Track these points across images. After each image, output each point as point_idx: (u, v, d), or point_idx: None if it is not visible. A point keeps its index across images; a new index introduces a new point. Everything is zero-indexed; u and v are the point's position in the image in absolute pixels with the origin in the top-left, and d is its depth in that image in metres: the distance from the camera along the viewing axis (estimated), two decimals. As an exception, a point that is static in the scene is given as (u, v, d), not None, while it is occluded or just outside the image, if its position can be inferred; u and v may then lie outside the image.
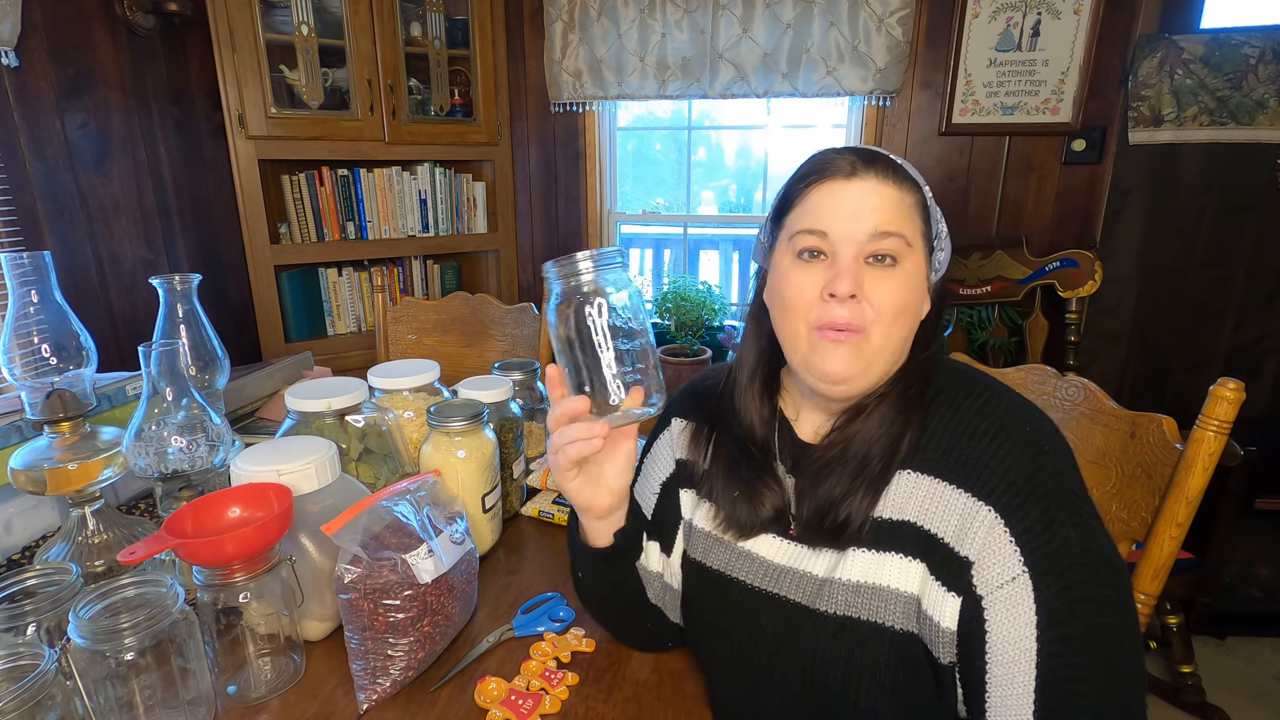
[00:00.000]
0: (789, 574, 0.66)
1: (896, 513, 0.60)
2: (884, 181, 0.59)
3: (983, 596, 0.55)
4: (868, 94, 2.28)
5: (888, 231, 0.58)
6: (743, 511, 0.67)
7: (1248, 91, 2.00)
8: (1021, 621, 0.54)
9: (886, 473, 0.61)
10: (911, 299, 0.60)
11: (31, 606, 0.65)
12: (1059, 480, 0.56)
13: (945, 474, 0.59)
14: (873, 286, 0.59)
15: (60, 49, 1.74)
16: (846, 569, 0.62)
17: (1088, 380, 0.93)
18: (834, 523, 0.61)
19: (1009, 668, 0.54)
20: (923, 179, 0.63)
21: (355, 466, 0.93)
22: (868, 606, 0.60)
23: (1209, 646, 1.94)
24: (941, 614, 0.57)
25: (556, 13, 2.38)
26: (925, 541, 0.59)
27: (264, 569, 0.68)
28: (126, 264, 1.95)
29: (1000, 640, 0.54)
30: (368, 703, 0.69)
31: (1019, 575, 0.54)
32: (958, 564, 0.56)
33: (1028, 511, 0.55)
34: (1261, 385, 2.20)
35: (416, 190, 2.46)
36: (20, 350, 0.77)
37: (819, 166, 0.62)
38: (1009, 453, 0.57)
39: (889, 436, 0.61)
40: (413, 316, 1.80)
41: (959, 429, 0.60)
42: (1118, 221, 2.21)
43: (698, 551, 0.73)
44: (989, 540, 0.55)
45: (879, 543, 0.61)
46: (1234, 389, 0.74)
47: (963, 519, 0.57)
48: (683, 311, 2.21)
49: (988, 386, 0.63)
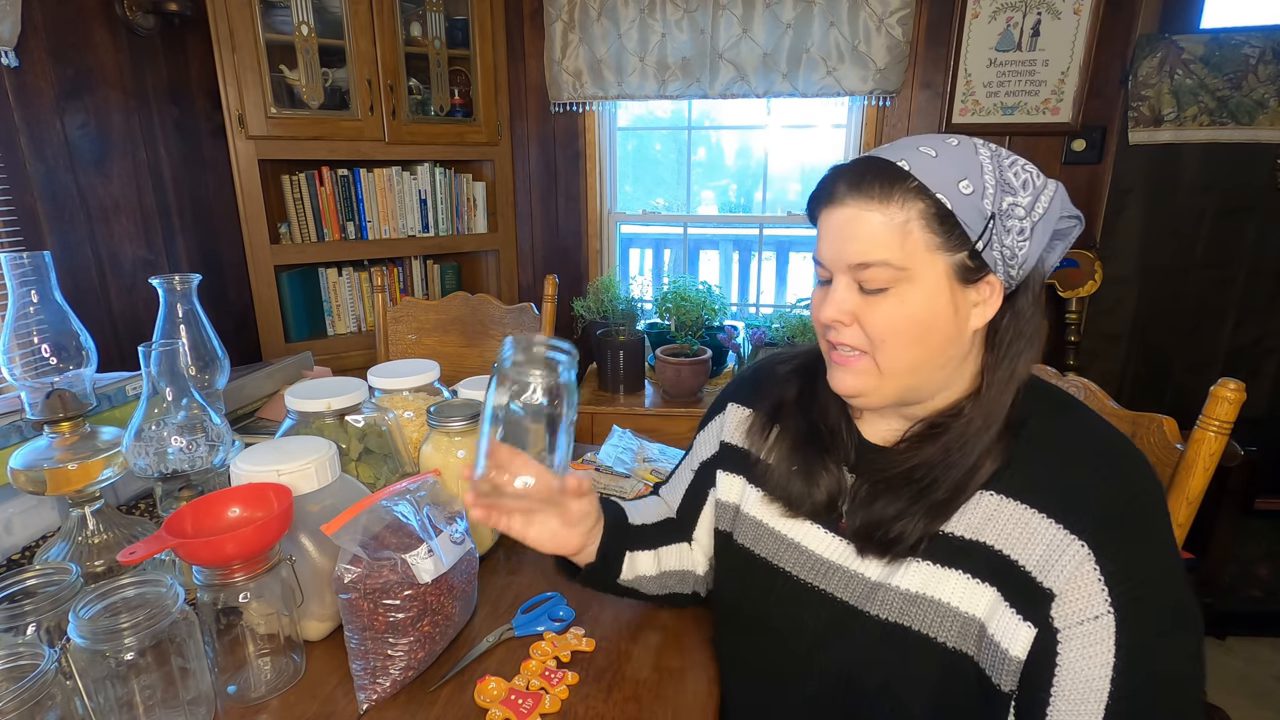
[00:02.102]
0: (838, 571, 0.65)
1: (972, 533, 0.58)
2: (868, 205, 0.56)
3: (1059, 630, 0.54)
4: (868, 94, 2.28)
5: (865, 263, 0.57)
6: (796, 486, 0.67)
7: (1248, 91, 2.00)
8: (1098, 661, 0.52)
9: (953, 501, 0.59)
10: (914, 320, 0.57)
11: (31, 606, 0.65)
12: (1153, 522, 0.55)
13: (1035, 502, 0.57)
14: (865, 313, 0.59)
15: (60, 49, 1.73)
16: (903, 577, 0.60)
17: (1088, 380, 0.93)
18: (884, 537, 0.60)
19: (1075, 704, 0.53)
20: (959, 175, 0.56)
21: (355, 466, 0.93)
22: (922, 618, 0.59)
23: (1209, 646, 1.94)
24: (1012, 642, 0.55)
25: (556, 13, 2.38)
26: (1001, 566, 0.57)
27: (264, 569, 0.68)
28: (126, 264, 1.95)
29: (1070, 676, 0.53)
30: (368, 703, 0.69)
31: (1103, 615, 0.53)
32: (1039, 595, 0.55)
33: (1119, 550, 0.53)
34: (1261, 385, 2.20)
35: (416, 190, 2.46)
36: (20, 350, 0.77)
37: (820, 189, 0.61)
38: (1108, 489, 0.55)
39: (962, 468, 0.58)
40: (413, 316, 1.80)
41: (1056, 457, 0.58)
42: (1118, 221, 2.21)
43: (746, 538, 0.73)
44: (1076, 575, 0.53)
45: (944, 558, 0.59)
46: (1234, 389, 0.74)
47: (1050, 549, 0.55)
48: (683, 311, 2.21)
49: (1089, 414, 0.61)
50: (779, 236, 2.67)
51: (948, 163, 0.56)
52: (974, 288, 0.58)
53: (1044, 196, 0.57)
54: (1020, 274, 0.59)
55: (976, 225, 0.56)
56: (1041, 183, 0.58)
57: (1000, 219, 0.56)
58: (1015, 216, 0.56)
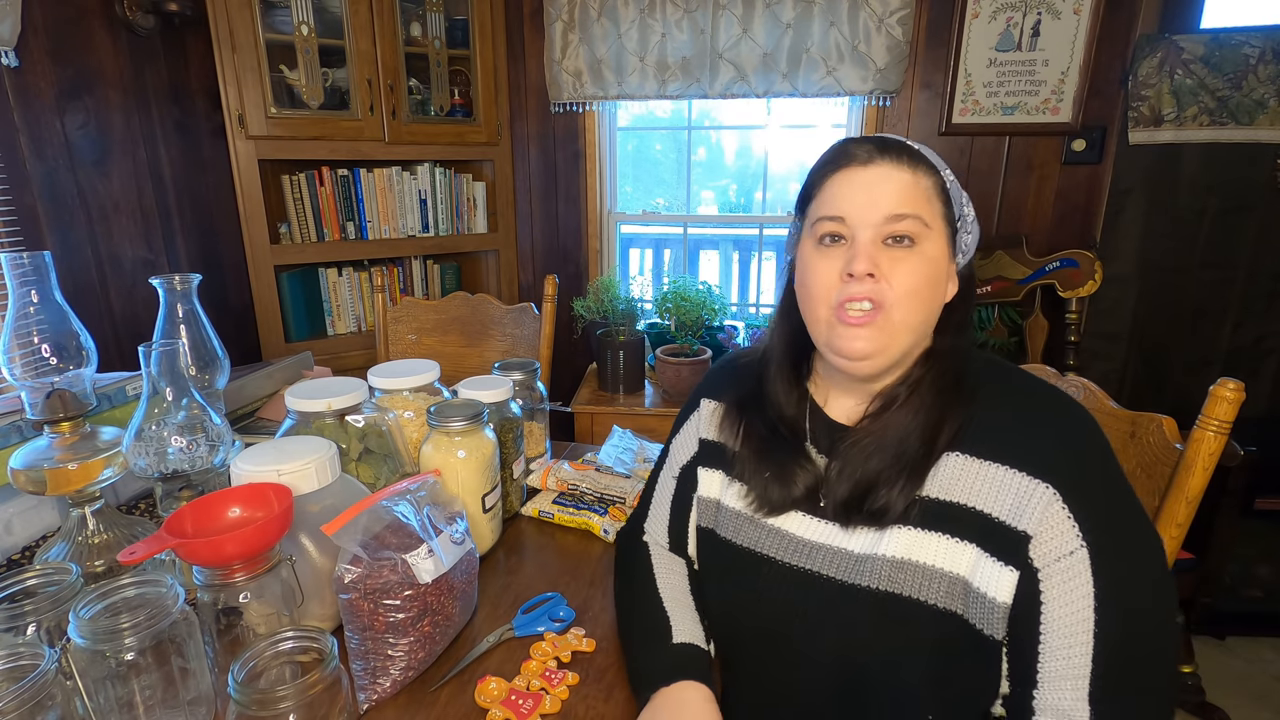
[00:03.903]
0: (824, 551, 0.66)
1: (943, 493, 0.61)
2: (899, 166, 0.62)
3: (1039, 569, 0.57)
4: (868, 94, 2.28)
5: (902, 214, 0.60)
6: (775, 491, 0.69)
7: (1248, 91, 2.00)
8: (1080, 594, 0.55)
9: (927, 460, 0.62)
10: (930, 279, 0.62)
11: (31, 606, 0.65)
12: (1106, 463, 0.59)
13: (998, 456, 0.60)
14: (890, 266, 0.61)
15: (60, 49, 1.73)
16: (888, 545, 0.62)
17: (1088, 380, 0.93)
18: (874, 505, 0.63)
19: (1065, 638, 0.56)
20: (944, 163, 0.64)
21: (355, 466, 0.93)
22: (910, 583, 0.61)
23: (1209, 646, 1.94)
24: (998, 589, 0.58)
25: (556, 13, 2.38)
26: (978, 522, 0.60)
27: (264, 569, 0.68)
28: (126, 264, 1.95)
29: (1056, 611, 0.56)
30: (368, 703, 0.69)
31: (1077, 549, 0.56)
32: (1014, 538, 0.58)
33: (1085, 490, 0.57)
34: (1261, 385, 2.20)
35: (416, 190, 2.46)
36: (20, 350, 0.77)
37: (837, 156, 0.65)
38: (1065, 437, 0.59)
39: (926, 425, 0.62)
40: (413, 316, 1.80)
41: (1010, 415, 0.62)
42: (1118, 221, 2.21)
43: (727, 530, 0.74)
44: (1047, 515, 0.57)
45: (924, 521, 0.62)
46: (1234, 389, 0.74)
47: (1019, 496, 0.58)
48: (683, 311, 2.21)
49: (1027, 376, 0.65)
50: (779, 236, 2.67)
51: (934, 155, 0.64)
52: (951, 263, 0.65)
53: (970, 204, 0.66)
54: (965, 260, 0.67)
55: (957, 210, 0.64)
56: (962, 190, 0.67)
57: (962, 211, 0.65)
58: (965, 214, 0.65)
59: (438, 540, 0.74)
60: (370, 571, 0.69)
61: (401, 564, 0.69)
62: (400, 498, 0.76)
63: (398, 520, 0.73)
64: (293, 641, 0.61)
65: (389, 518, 0.73)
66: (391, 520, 0.73)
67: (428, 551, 0.72)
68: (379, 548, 0.70)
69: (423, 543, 0.72)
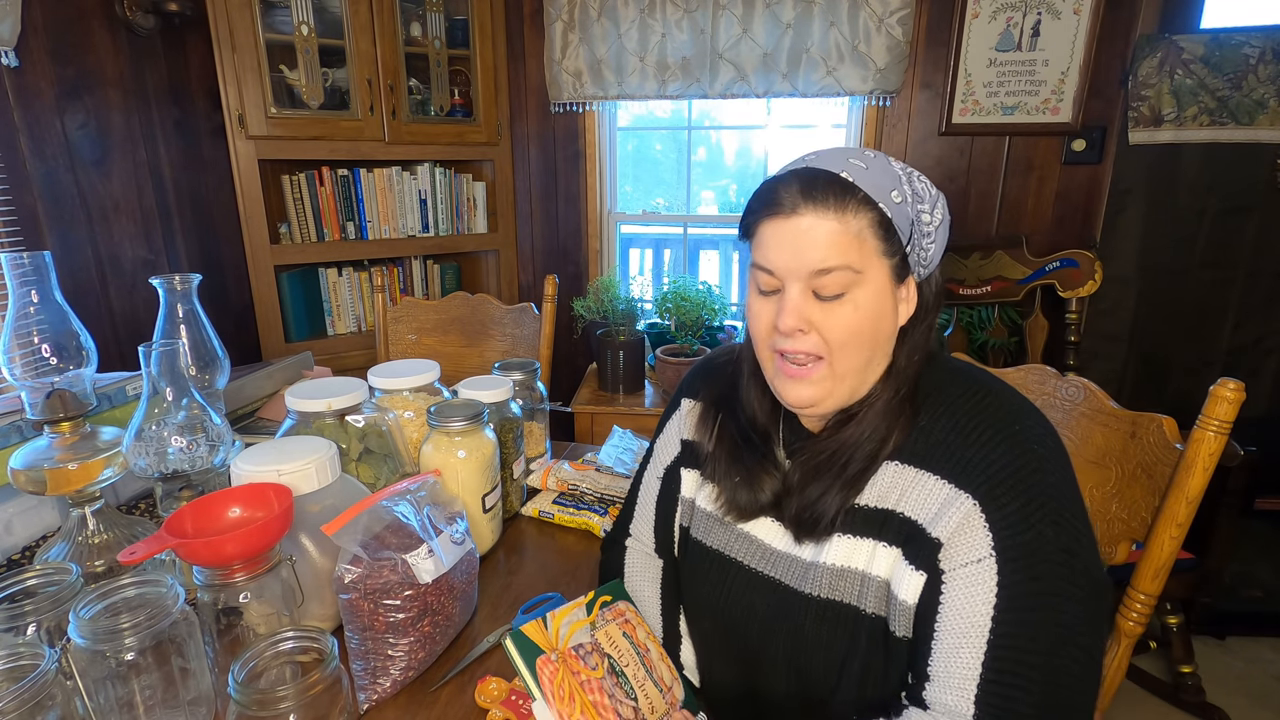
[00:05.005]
0: (783, 558, 0.68)
1: (879, 501, 0.63)
2: (823, 215, 0.58)
3: (945, 572, 0.58)
4: (868, 94, 2.28)
5: (827, 268, 0.59)
6: (743, 496, 0.70)
7: (1248, 91, 2.00)
8: (980, 599, 0.56)
9: (865, 473, 0.63)
10: (867, 320, 0.61)
11: (31, 606, 0.65)
12: (1043, 479, 0.57)
13: (930, 465, 0.61)
14: (822, 318, 0.60)
15: (60, 49, 1.73)
16: (828, 553, 0.64)
17: (1088, 380, 0.93)
18: (809, 517, 0.64)
19: (957, 640, 0.56)
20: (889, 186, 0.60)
21: (355, 466, 0.93)
22: (848, 589, 0.63)
23: (1209, 646, 1.94)
24: (907, 591, 0.59)
25: (556, 13, 2.38)
26: (903, 528, 0.61)
27: (264, 569, 0.68)
28: (126, 264, 1.95)
29: (952, 613, 0.57)
30: (368, 703, 0.69)
31: (985, 558, 0.56)
32: (929, 545, 0.59)
33: (1006, 503, 0.57)
34: (1261, 385, 2.20)
35: (416, 190, 2.46)
36: (20, 350, 0.77)
37: (765, 200, 0.62)
38: (995, 448, 0.58)
39: (874, 440, 0.63)
40: (413, 316, 1.80)
41: (949, 425, 0.61)
42: (1118, 221, 2.21)
43: (699, 530, 0.75)
44: (964, 525, 0.57)
45: (858, 529, 0.63)
46: (1234, 389, 0.74)
47: (943, 505, 0.59)
48: (683, 311, 2.20)
49: (983, 385, 0.64)
50: (779, 236, 2.67)
51: (878, 174, 0.60)
52: (903, 286, 0.63)
53: (940, 205, 0.63)
54: (927, 272, 0.65)
55: (905, 231, 0.60)
56: (935, 192, 0.64)
57: (917, 225, 0.61)
58: (925, 223, 0.62)
59: (438, 540, 0.74)
60: (370, 571, 0.69)
61: (401, 564, 0.69)
62: (400, 498, 0.76)
63: (398, 520, 0.73)
64: (293, 641, 0.61)
65: (389, 518, 0.73)
66: (391, 520, 0.73)
67: (428, 551, 0.72)
68: (379, 548, 0.70)
69: (423, 543, 0.72)
